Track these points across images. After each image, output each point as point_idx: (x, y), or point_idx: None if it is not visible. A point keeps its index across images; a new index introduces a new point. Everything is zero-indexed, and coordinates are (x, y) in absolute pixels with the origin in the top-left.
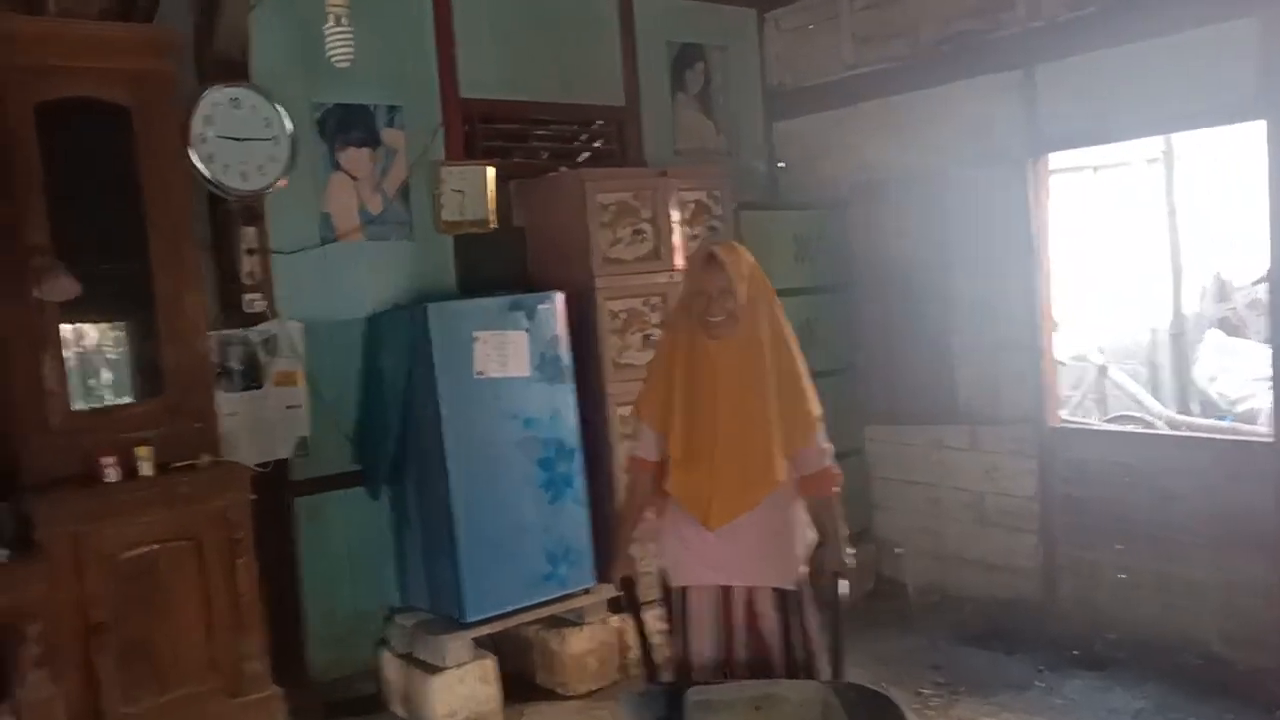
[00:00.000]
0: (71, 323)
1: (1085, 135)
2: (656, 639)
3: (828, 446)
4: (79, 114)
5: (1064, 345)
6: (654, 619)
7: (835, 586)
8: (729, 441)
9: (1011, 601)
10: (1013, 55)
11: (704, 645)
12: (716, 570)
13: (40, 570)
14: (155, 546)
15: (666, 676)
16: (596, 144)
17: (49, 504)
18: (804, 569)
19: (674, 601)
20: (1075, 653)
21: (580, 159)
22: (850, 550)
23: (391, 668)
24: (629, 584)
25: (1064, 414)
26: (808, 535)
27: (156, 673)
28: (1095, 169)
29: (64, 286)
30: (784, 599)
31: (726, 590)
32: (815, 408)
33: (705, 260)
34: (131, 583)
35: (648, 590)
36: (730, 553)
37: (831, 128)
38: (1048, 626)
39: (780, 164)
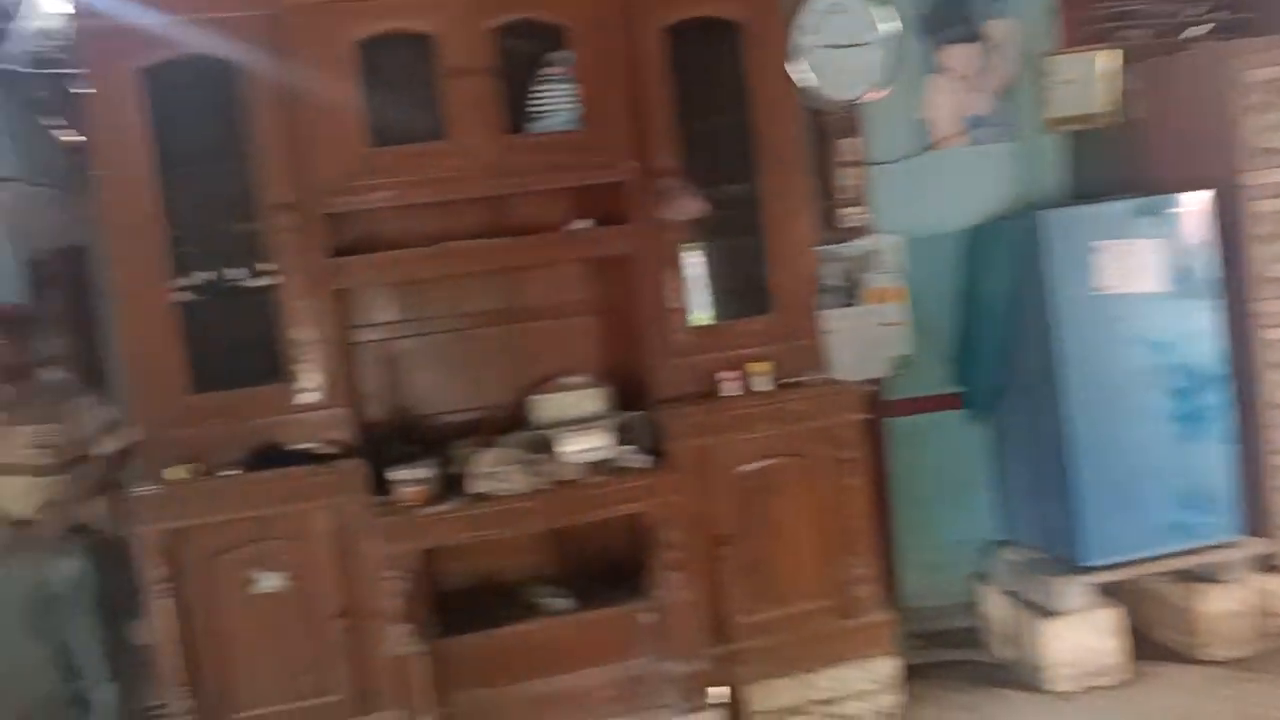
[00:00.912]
0: (685, 242)
1: None
2: None
3: None
4: (692, 34)
5: None
6: None
7: None
8: None
9: None
10: None
11: None
12: None
13: (674, 480)
14: (769, 462)
15: None
16: (1222, 13)
17: (677, 417)
18: None
19: None
20: None
21: (1203, 33)
22: None
23: (993, 604)
24: None
25: None
26: None
27: (771, 586)
28: None
29: (689, 206)
30: None
31: None
32: None
33: None
34: (748, 496)
35: None
36: None
37: None
38: None
39: None
